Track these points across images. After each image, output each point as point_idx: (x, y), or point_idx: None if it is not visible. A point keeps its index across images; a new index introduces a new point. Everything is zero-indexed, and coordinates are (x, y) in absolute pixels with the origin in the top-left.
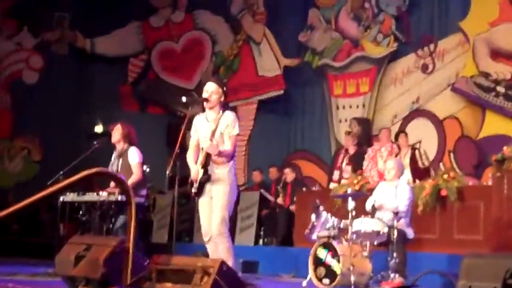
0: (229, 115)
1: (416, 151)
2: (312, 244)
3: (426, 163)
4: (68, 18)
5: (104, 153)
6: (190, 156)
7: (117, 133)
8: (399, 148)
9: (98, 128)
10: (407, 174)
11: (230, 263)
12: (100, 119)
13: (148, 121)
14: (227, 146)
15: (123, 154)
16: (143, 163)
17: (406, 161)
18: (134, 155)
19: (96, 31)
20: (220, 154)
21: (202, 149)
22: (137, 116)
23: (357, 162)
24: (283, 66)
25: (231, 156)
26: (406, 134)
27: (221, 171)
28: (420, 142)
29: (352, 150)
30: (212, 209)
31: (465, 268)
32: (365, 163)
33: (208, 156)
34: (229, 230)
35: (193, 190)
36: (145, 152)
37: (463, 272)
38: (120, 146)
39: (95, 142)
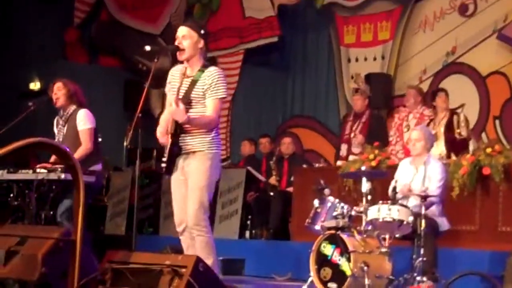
0: (214, 71)
1: (455, 117)
2: (315, 238)
3: (464, 133)
4: None
5: (42, 116)
6: (163, 120)
7: (59, 94)
8: (435, 114)
9: (35, 85)
10: (441, 146)
11: (209, 262)
12: (37, 73)
13: (100, 77)
14: (209, 112)
15: (69, 119)
16: (96, 131)
17: (441, 129)
18: (83, 119)
19: None
20: (192, 122)
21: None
22: (86, 70)
23: (373, 131)
24: (277, 5)
25: (213, 126)
26: (446, 94)
27: (199, 141)
28: (463, 105)
29: (362, 113)
30: (187, 191)
31: None
32: (391, 134)
33: (178, 123)
34: (209, 218)
35: (163, 164)
36: (96, 117)
37: (509, 273)
38: (65, 109)
39: (30, 103)
